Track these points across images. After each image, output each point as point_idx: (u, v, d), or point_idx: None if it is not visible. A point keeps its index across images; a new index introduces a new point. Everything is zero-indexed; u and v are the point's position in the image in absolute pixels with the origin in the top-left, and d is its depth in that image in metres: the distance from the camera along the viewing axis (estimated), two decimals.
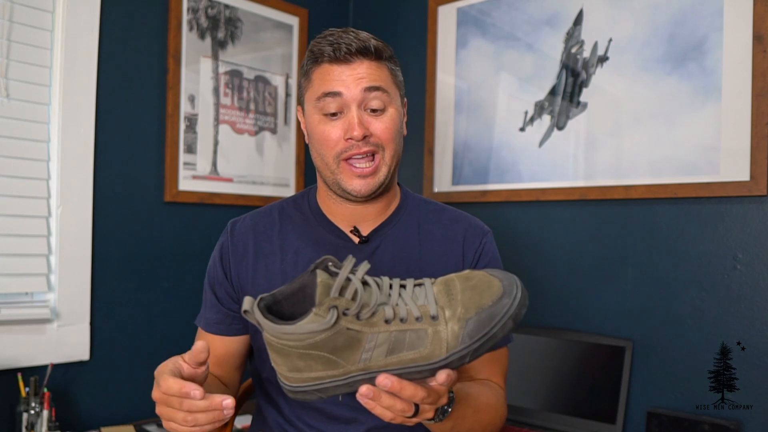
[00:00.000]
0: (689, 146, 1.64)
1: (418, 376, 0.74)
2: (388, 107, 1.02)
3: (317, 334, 0.71)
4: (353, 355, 0.73)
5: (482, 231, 1.14)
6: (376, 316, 0.73)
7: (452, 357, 0.73)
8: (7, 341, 1.57)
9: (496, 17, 2.01)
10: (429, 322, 0.73)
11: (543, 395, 1.79)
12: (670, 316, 1.67)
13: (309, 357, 0.73)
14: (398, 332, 0.73)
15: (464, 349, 0.73)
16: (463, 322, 0.73)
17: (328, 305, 0.71)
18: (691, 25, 1.64)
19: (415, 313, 0.73)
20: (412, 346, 0.73)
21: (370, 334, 0.73)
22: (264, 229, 1.10)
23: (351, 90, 0.99)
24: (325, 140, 1.01)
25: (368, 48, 1.00)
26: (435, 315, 0.73)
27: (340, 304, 0.72)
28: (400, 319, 0.73)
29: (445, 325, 0.73)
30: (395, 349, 0.73)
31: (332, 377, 0.75)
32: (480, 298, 0.74)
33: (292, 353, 0.73)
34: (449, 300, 0.75)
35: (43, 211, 1.67)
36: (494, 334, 0.73)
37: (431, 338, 0.73)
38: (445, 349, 0.73)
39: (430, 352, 0.73)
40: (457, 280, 0.77)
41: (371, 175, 1.01)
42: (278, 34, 2.19)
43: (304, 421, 1.06)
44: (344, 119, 1.00)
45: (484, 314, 0.73)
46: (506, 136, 1.98)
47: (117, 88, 1.80)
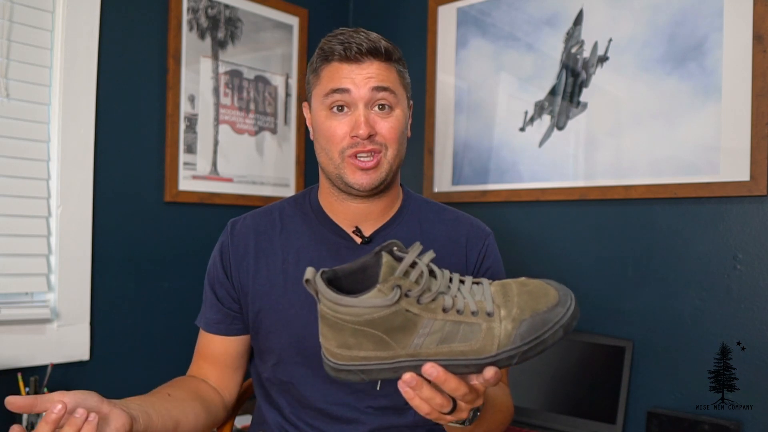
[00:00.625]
0: (689, 146, 1.64)
1: (465, 370, 0.75)
2: (395, 108, 1.03)
3: (378, 310, 0.73)
4: (406, 338, 0.74)
5: (485, 233, 1.14)
6: (435, 302, 0.74)
7: (502, 355, 0.74)
8: (7, 341, 1.57)
9: (496, 17, 2.01)
10: (484, 317, 0.74)
11: (543, 395, 1.79)
12: (670, 316, 1.67)
13: (362, 334, 0.74)
14: (453, 323, 0.74)
15: (514, 349, 0.74)
16: (517, 322, 0.74)
17: (392, 284, 0.73)
18: (691, 25, 1.64)
19: (472, 308, 0.75)
20: (465, 339, 0.74)
21: (426, 320, 0.74)
22: (265, 229, 1.11)
23: (360, 88, 1.00)
24: (331, 136, 1.02)
25: (378, 49, 1.01)
26: (491, 312, 0.75)
27: (404, 284, 0.73)
28: (457, 310, 0.75)
29: (499, 322, 0.74)
30: (447, 339, 0.74)
31: (380, 359, 0.75)
32: (536, 303, 0.75)
33: (346, 328, 0.74)
34: (505, 300, 0.76)
35: (43, 211, 1.67)
36: (544, 339, 0.74)
37: (484, 333, 0.74)
38: (496, 345, 0.74)
39: (481, 347, 0.74)
40: (514, 284, 0.78)
41: (373, 169, 1.02)
42: (278, 34, 2.19)
43: (304, 421, 1.06)
44: (351, 116, 1.01)
45: (538, 318, 0.74)
46: (506, 136, 1.98)
47: (117, 88, 1.80)
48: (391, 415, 1.05)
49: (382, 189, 1.06)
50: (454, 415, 0.80)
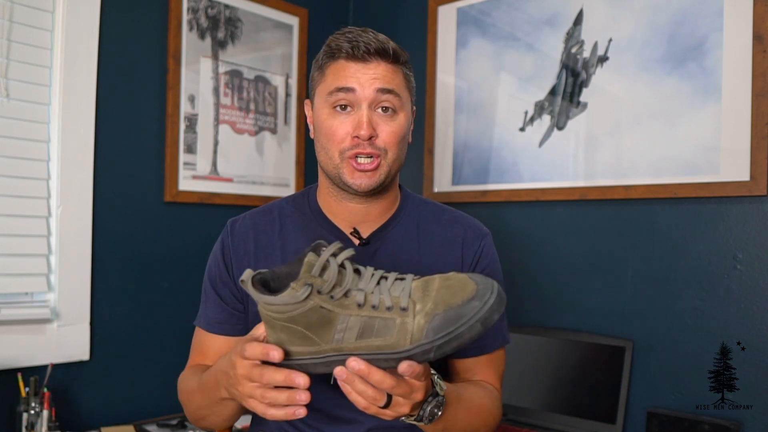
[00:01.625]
0: (689, 146, 1.64)
1: (385, 364, 0.77)
2: (399, 111, 1.02)
3: (292, 307, 0.77)
4: (327, 334, 0.78)
5: (481, 233, 1.14)
6: (348, 299, 0.78)
7: (415, 350, 0.75)
8: (7, 341, 1.57)
9: (496, 17, 2.01)
10: (398, 312, 0.76)
11: (543, 395, 1.79)
12: (670, 316, 1.67)
13: (289, 330, 0.79)
14: (368, 318, 0.77)
15: (428, 343, 0.75)
16: (429, 317, 0.75)
17: (304, 281, 0.77)
18: (691, 25, 1.64)
19: (387, 303, 0.77)
20: (380, 334, 0.77)
21: (342, 316, 0.77)
22: (264, 228, 1.10)
23: (365, 88, 0.99)
24: (333, 135, 1.01)
25: (386, 50, 1.00)
26: (405, 307, 0.76)
27: (315, 282, 0.77)
28: (372, 305, 0.77)
29: (413, 317, 0.76)
30: (365, 334, 0.77)
31: (310, 354, 0.79)
32: (451, 297, 0.76)
33: (276, 325, 0.80)
34: (423, 296, 0.78)
35: (43, 211, 1.67)
36: (460, 333, 0.75)
37: (398, 328, 0.76)
38: (409, 340, 0.75)
39: (395, 341, 0.76)
40: (438, 280, 0.80)
41: (372, 171, 1.01)
42: (278, 34, 2.19)
43: (304, 420, 1.06)
44: (354, 116, 1.00)
45: (451, 312, 0.75)
46: (506, 136, 1.98)
47: (117, 88, 1.80)
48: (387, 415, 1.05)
49: (380, 191, 1.06)
50: (392, 410, 0.81)
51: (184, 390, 1.07)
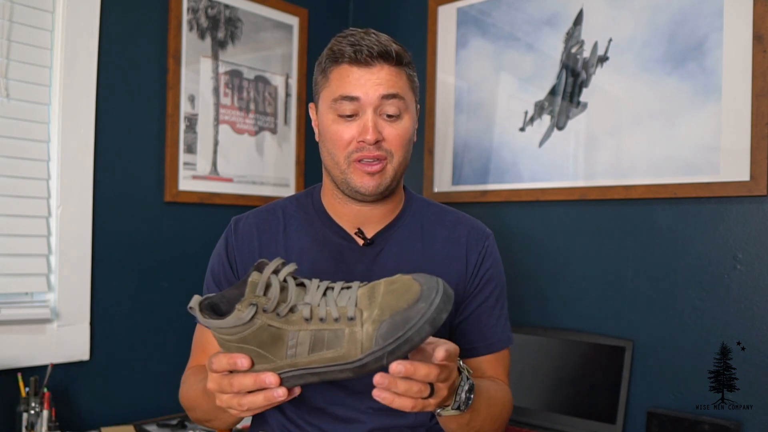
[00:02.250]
0: (689, 146, 1.64)
1: (341, 375, 0.77)
2: (404, 114, 1.02)
3: (241, 329, 0.77)
4: (279, 350, 0.78)
5: (485, 234, 1.15)
6: (295, 314, 0.78)
7: (367, 358, 0.76)
8: (7, 341, 1.57)
9: (496, 17, 2.01)
10: (346, 323, 0.77)
11: (543, 395, 1.79)
12: (670, 316, 1.67)
13: (243, 351, 0.79)
14: (317, 331, 0.77)
15: (379, 350, 0.75)
16: (377, 324, 0.75)
17: (248, 301, 0.77)
18: (691, 25, 1.64)
19: (334, 314, 0.77)
20: (331, 346, 0.77)
21: (291, 332, 0.78)
22: (268, 227, 1.11)
23: (369, 95, 0.99)
24: (338, 140, 1.01)
25: (389, 52, 0.99)
26: (352, 317, 0.77)
27: (260, 301, 0.77)
28: (320, 318, 0.77)
29: (360, 326, 0.76)
30: (316, 347, 0.77)
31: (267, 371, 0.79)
32: (396, 301, 0.76)
33: (231, 347, 0.80)
34: (370, 303, 0.78)
35: (43, 211, 1.67)
36: (409, 337, 0.74)
37: (347, 338, 0.76)
38: (359, 349, 0.76)
39: (346, 352, 0.76)
40: (383, 284, 0.80)
41: (379, 174, 1.01)
42: (278, 34, 2.19)
43: (305, 420, 1.06)
44: (359, 121, 1.00)
45: (398, 317, 0.75)
46: (506, 136, 1.98)
47: (117, 88, 1.80)
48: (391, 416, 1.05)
49: (386, 194, 1.06)
50: (436, 398, 0.81)
51: (188, 396, 1.06)
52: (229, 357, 0.80)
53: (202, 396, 0.99)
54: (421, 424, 1.07)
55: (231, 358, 0.80)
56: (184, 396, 1.07)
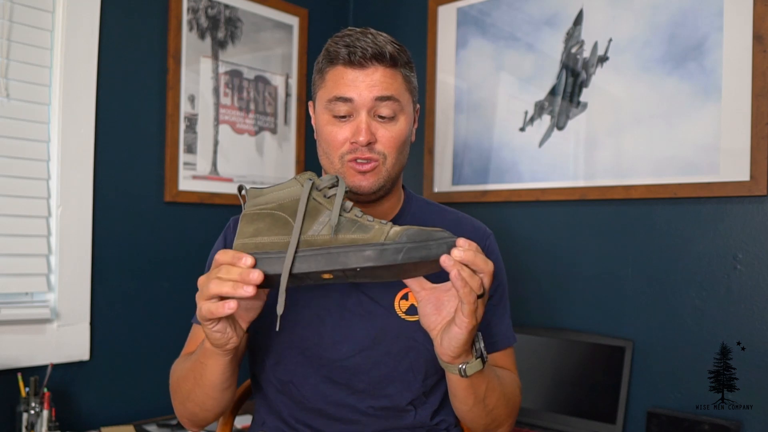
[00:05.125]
0: (689, 146, 1.64)
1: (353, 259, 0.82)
2: (399, 116, 1.02)
3: (287, 193, 0.87)
4: (307, 224, 0.85)
5: (485, 233, 1.15)
6: (337, 200, 0.86)
7: (388, 246, 0.81)
8: (7, 341, 1.57)
9: (496, 17, 2.01)
10: (378, 223, 0.85)
11: (543, 395, 1.79)
12: (670, 316, 1.67)
13: (272, 218, 0.86)
14: (350, 220, 0.85)
15: (400, 244, 0.81)
16: (405, 228, 0.83)
17: (308, 177, 0.89)
18: (691, 25, 1.64)
19: (369, 218, 0.86)
20: (357, 231, 0.84)
21: (327, 211, 0.85)
22: None
23: (363, 96, 0.99)
24: (332, 141, 1.02)
25: (384, 54, 0.99)
26: (384, 223, 0.85)
27: (316, 180, 0.89)
28: (356, 214, 0.86)
29: (390, 227, 0.84)
30: (342, 231, 0.84)
31: (284, 246, 0.83)
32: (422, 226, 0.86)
33: (260, 216, 0.87)
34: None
35: (43, 211, 1.67)
36: (429, 245, 0.82)
37: (375, 230, 0.84)
38: (383, 237, 0.82)
39: (371, 237, 0.83)
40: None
41: (371, 173, 1.02)
42: (278, 34, 2.19)
43: (303, 422, 1.06)
44: (353, 123, 1.01)
45: (423, 233, 0.83)
46: (506, 136, 1.98)
47: (117, 88, 1.80)
48: (391, 418, 1.05)
49: (382, 194, 1.07)
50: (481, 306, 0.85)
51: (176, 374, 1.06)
52: (235, 253, 0.82)
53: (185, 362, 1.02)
54: (421, 425, 1.07)
55: (237, 254, 0.82)
56: (172, 377, 1.08)
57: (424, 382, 1.06)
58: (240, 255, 0.82)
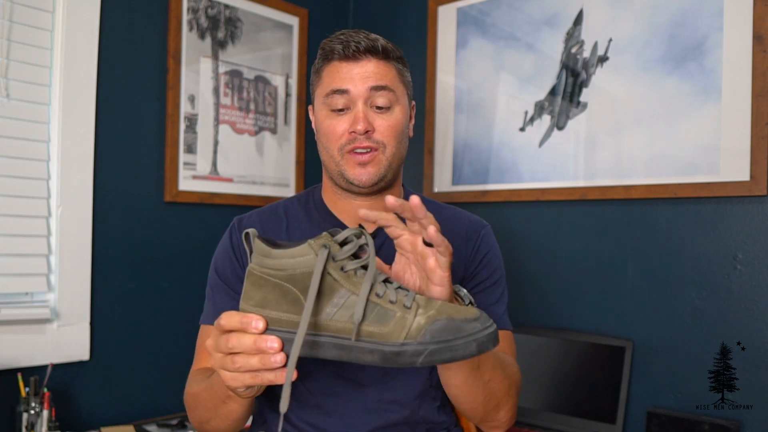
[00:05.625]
0: (689, 146, 1.64)
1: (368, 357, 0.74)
2: (394, 106, 1.05)
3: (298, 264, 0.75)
4: (321, 304, 0.75)
5: (481, 224, 1.17)
6: (357, 277, 0.76)
7: (407, 347, 0.73)
8: (7, 341, 1.57)
9: (496, 17, 2.01)
10: (401, 308, 0.75)
11: (543, 395, 1.79)
12: (670, 316, 1.67)
13: (281, 290, 0.76)
14: (369, 302, 0.75)
15: (422, 344, 0.73)
16: (431, 320, 0.74)
17: (322, 242, 0.76)
18: (691, 25, 1.64)
19: (392, 297, 0.75)
20: (375, 321, 0.74)
21: (344, 290, 0.75)
22: (271, 226, 1.12)
23: (358, 87, 1.02)
24: (331, 133, 1.04)
25: (376, 47, 1.03)
26: (409, 306, 0.75)
27: (333, 247, 0.76)
28: (377, 293, 0.76)
29: (414, 316, 0.74)
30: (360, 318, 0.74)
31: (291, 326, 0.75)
32: (455, 312, 0.75)
33: (268, 283, 0.76)
34: (426, 304, 0.76)
35: (43, 211, 1.67)
36: (455, 346, 0.73)
37: (396, 320, 0.74)
38: (404, 335, 0.73)
39: (389, 332, 0.74)
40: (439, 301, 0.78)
41: (371, 164, 1.04)
42: (278, 34, 2.19)
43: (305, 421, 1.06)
44: (350, 114, 1.03)
45: (452, 324, 0.73)
46: (506, 136, 1.98)
47: (117, 88, 1.80)
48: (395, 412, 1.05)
49: (383, 186, 1.07)
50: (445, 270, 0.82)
51: (191, 392, 1.05)
52: (243, 316, 0.76)
53: (205, 389, 0.99)
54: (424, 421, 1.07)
55: (245, 317, 0.76)
56: (188, 393, 1.07)
57: (430, 376, 1.07)
58: (248, 318, 0.76)
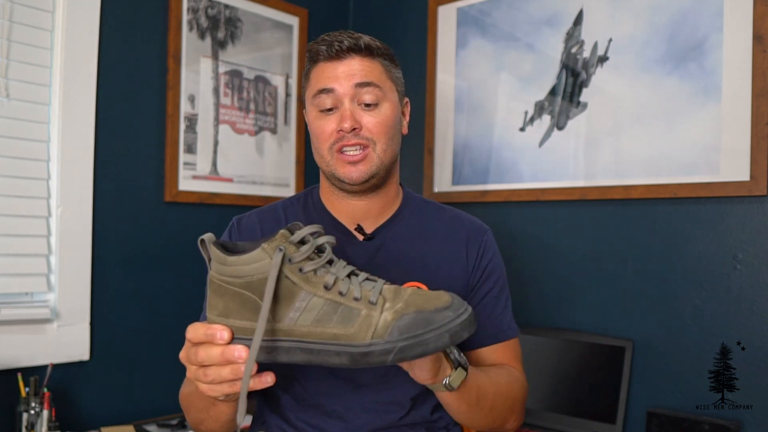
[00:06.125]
0: (689, 146, 1.64)
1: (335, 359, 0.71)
2: (382, 102, 1.05)
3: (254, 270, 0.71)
4: (282, 310, 0.72)
5: (482, 229, 1.16)
6: (317, 276, 0.72)
7: (375, 347, 0.70)
8: (7, 341, 1.57)
9: (496, 17, 2.01)
10: (366, 304, 0.72)
11: (543, 395, 1.79)
12: (670, 316, 1.67)
13: (241, 299, 0.72)
14: (332, 302, 0.72)
15: (390, 342, 0.70)
16: (398, 315, 0.70)
17: (277, 244, 0.72)
18: (691, 25, 1.64)
19: (356, 294, 0.72)
20: (340, 321, 0.71)
21: (305, 292, 0.72)
22: (270, 225, 1.12)
23: (343, 85, 1.02)
24: (320, 133, 1.05)
25: (359, 44, 1.03)
26: (374, 301, 0.72)
27: (288, 249, 0.72)
28: (339, 291, 0.72)
29: (380, 313, 0.71)
30: (323, 320, 0.71)
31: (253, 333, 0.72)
32: (424, 302, 0.72)
33: (227, 292, 0.73)
34: (395, 296, 0.73)
35: (43, 211, 1.67)
36: (426, 340, 0.69)
37: (362, 319, 0.70)
38: (370, 334, 0.70)
39: (354, 333, 0.70)
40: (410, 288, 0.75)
41: (361, 162, 1.03)
42: (278, 34, 2.19)
43: (304, 420, 1.06)
44: (338, 113, 1.04)
45: (421, 316, 0.70)
46: (506, 136, 1.98)
47: (117, 88, 1.80)
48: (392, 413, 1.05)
49: (376, 183, 1.07)
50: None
51: (184, 393, 1.06)
52: (207, 328, 0.75)
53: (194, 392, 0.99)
54: (422, 421, 1.07)
55: (210, 329, 0.74)
56: (181, 394, 1.07)
57: None
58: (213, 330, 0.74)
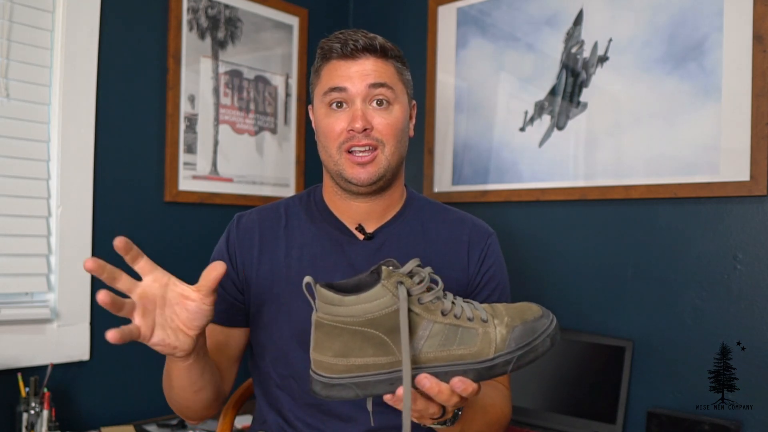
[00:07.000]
0: (689, 146, 1.64)
1: (471, 376, 0.76)
2: (393, 104, 1.04)
3: (377, 307, 0.73)
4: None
5: (487, 232, 1.15)
6: (434, 305, 0.76)
7: (498, 359, 0.76)
8: (7, 341, 1.57)
9: (496, 17, 2.01)
10: (480, 323, 0.77)
11: (543, 395, 1.79)
12: (670, 316, 1.67)
13: (363, 337, 0.74)
14: (452, 326, 0.76)
15: (509, 353, 0.76)
16: (510, 328, 0.77)
17: (395, 280, 0.74)
18: (691, 25, 1.64)
19: (468, 314, 0.77)
20: (462, 342, 0.76)
21: (426, 321, 0.75)
22: (271, 224, 1.12)
23: (356, 85, 1.02)
24: (330, 131, 1.04)
25: (374, 45, 1.03)
26: (486, 319, 0.77)
27: (406, 281, 0.75)
28: (455, 314, 0.77)
29: (494, 328, 0.77)
30: (446, 343, 0.76)
31: (379, 368, 0.75)
32: (522, 314, 0.79)
33: (345, 332, 0.74)
34: (494, 312, 0.79)
35: (43, 211, 1.67)
36: (536, 346, 0.77)
37: (481, 337, 0.76)
38: (493, 349, 0.76)
39: (479, 350, 0.76)
40: (499, 304, 0.82)
41: (370, 164, 1.03)
42: (278, 34, 2.19)
43: (303, 421, 1.06)
44: (348, 112, 1.03)
45: (528, 326, 0.77)
46: (506, 136, 1.98)
47: (117, 88, 1.80)
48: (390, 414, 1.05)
49: (382, 185, 1.07)
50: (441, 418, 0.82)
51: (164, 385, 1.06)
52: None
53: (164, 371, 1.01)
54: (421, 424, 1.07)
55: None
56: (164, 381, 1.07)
57: None
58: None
